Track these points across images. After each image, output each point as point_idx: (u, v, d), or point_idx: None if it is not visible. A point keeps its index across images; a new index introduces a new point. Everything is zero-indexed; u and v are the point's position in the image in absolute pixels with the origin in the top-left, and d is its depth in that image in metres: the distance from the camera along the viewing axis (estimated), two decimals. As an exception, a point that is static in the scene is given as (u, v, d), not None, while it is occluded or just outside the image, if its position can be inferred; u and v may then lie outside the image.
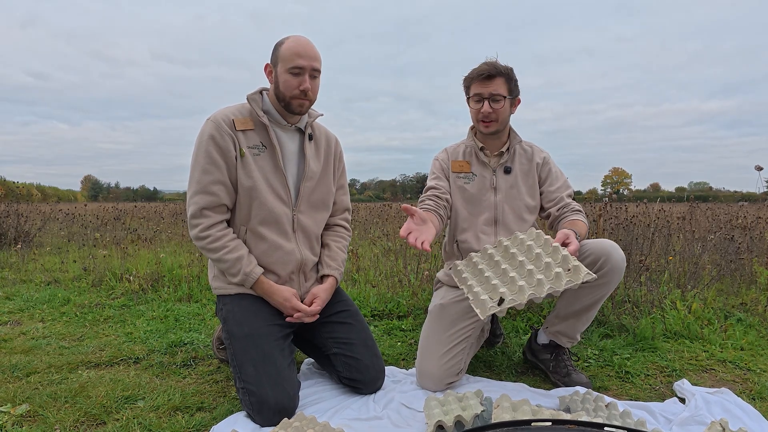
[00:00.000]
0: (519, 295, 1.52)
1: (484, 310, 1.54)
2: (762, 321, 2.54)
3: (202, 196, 1.64)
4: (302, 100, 1.65)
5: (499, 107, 1.82)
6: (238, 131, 1.65)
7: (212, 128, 1.63)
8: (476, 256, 1.81)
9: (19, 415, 1.55)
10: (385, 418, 1.54)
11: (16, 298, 3.27)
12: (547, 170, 1.94)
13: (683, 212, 5.46)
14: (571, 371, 1.83)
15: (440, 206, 1.86)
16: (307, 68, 1.63)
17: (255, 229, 1.69)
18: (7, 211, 5.96)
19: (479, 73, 1.82)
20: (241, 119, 1.66)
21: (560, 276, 1.49)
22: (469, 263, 1.81)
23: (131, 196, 67.31)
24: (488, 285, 1.64)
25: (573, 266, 1.50)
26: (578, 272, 1.48)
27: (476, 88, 1.84)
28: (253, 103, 1.69)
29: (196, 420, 1.53)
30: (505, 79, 1.82)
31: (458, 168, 1.95)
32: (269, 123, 1.69)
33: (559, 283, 1.48)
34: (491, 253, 1.76)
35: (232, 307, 1.68)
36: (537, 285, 1.51)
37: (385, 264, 3.88)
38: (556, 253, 1.58)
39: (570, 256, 1.53)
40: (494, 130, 1.87)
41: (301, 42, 1.64)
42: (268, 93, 1.75)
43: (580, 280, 1.47)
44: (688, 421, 1.48)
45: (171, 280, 3.61)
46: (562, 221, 1.84)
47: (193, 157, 1.66)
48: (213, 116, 1.66)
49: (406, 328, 2.56)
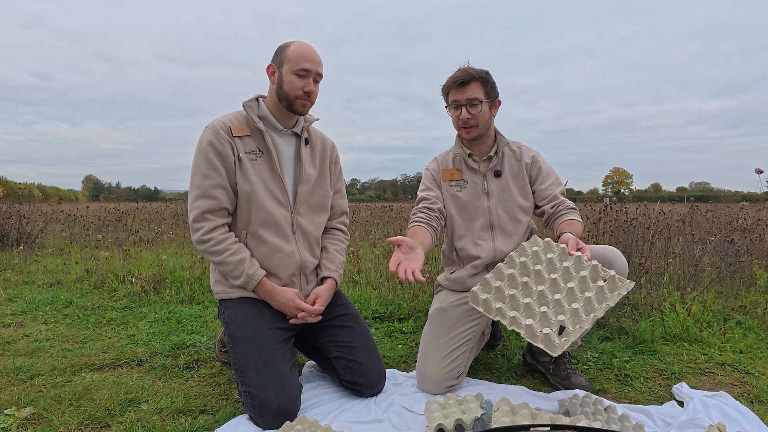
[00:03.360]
0: (576, 319, 1.42)
1: (553, 347, 1.40)
2: (761, 324, 2.55)
3: (203, 201, 1.66)
4: (305, 100, 1.71)
5: (477, 112, 1.83)
6: (236, 137, 1.70)
7: (211, 135, 1.68)
8: (494, 279, 1.64)
9: (24, 418, 1.56)
10: (386, 421, 1.56)
11: (19, 300, 3.28)
12: (537, 169, 1.95)
13: (683, 214, 5.46)
14: (571, 374, 1.84)
15: (432, 218, 1.88)
16: (312, 72, 1.70)
17: (255, 232, 1.71)
18: (9, 212, 5.98)
19: (454, 80, 1.83)
20: (237, 126, 1.71)
21: (603, 290, 1.44)
22: (489, 288, 1.62)
23: (132, 196, 67.35)
24: (531, 312, 1.51)
25: (609, 276, 1.46)
26: (614, 282, 1.46)
27: (453, 95, 1.85)
28: (249, 110, 1.73)
29: (199, 423, 1.54)
30: (480, 83, 1.83)
31: (449, 176, 1.96)
32: (265, 129, 1.73)
33: (606, 298, 1.43)
34: (511, 274, 1.62)
35: (234, 311, 1.70)
36: (587, 304, 1.43)
37: (386, 266, 3.89)
38: (579, 263, 1.54)
39: (599, 265, 1.50)
40: (476, 135, 1.87)
41: (308, 47, 1.71)
42: (264, 99, 1.79)
43: (624, 291, 1.43)
44: (686, 425, 1.49)
45: (173, 282, 3.63)
46: (557, 220, 1.85)
47: (194, 164, 1.70)
48: (211, 124, 1.71)
49: (407, 331, 2.57)
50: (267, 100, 1.78)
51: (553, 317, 1.46)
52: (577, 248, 1.60)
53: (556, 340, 1.41)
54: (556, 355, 1.40)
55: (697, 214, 5.77)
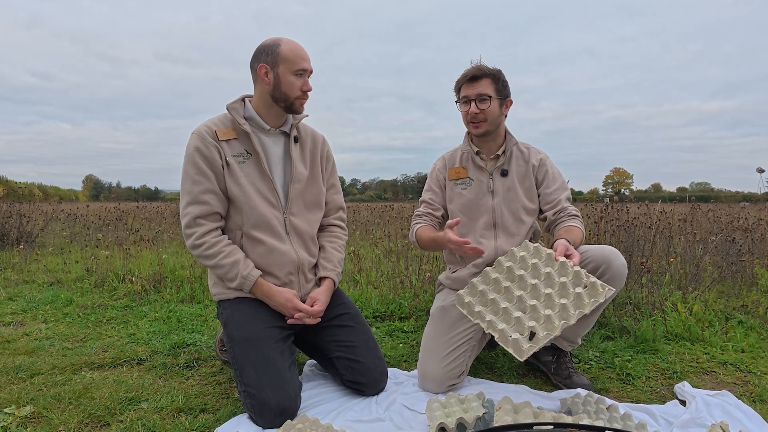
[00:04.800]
0: (549, 325, 1.44)
1: (520, 352, 1.43)
2: (763, 323, 2.54)
3: (194, 206, 1.66)
4: (304, 99, 1.73)
5: (486, 107, 1.83)
6: (222, 141, 1.68)
7: (197, 140, 1.67)
8: (480, 283, 1.70)
9: (24, 417, 1.56)
10: (387, 420, 1.55)
11: (19, 299, 3.28)
12: (543, 172, 1.94)
13: (684, 213, 5.45)
14: (573, 373, 1.83)
15: (435, 222, 1.99)
16: (308, 70, 1.71)
17: (249, 233, 1.71)
18: (10, 211, 5.98)
19: (465, 76, 1.86)
20: (223, 129, 1.70)
21: (581, 296, 1.45)
22: (474, 291, 1.69)
23: (132, 195, 67.37)
24: (508, 317, 1.55)
25: (590, 282, 1.46)
26: (596, 288, 1.45)
27: (464, 91, 1.87)
28: (234, 112, 1.72)
29: (199, 422, 1.54)
30: (491, 80, 1.84)
31: (455, 175, 1.97)
32: (251, 130, 1.71)
33: (583, 305, 1.43)
34: (497, 278, 1.66)
35: (232, 311, 1.69)
36: (562, 310, 1.45)
37: (386, 265, 3.88)
38: (564, 268, 1.54)
39: (582, 272, 1.50)
40: (484, 131, 1.88)
41: (299, 45, 1.71)
42: (251, 99, 1.77)
43: (602, 298, 1.43)
44: (688, 424, 1.49)
45: (173, 281, 3.62)
46: (558, 226, 1.84)
47: (183, 171, 1.69)
48: (197, 129, 1.70)
49: (408, 330, 2.56)
50: (255, 100, 1.75)
51: (525, 322, 1.49)
52: (567, 254, 1.59)
53: (524, 346, 1.44)
54: (522, 360, 1.44)
55: (698, 213, 5.77)
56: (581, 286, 1.48)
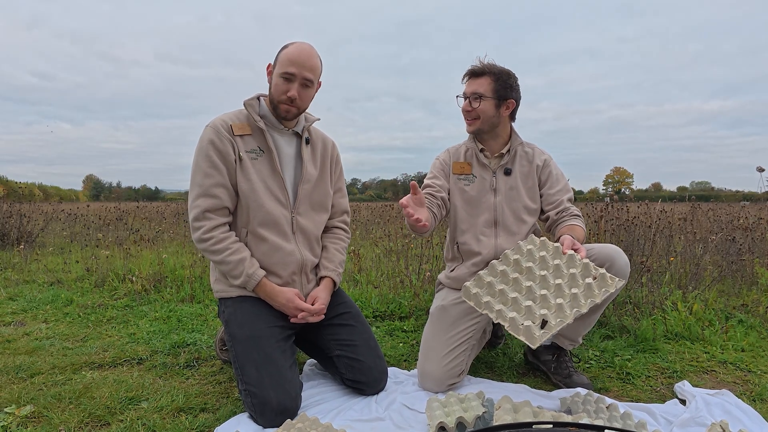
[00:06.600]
0: (560, 314, 1.44)
1: (532, 339, 1.42)
2: (763, 322, 2.54)
3: (204, 199, 1.65)
4: (288, 106, 1.68)
5: (477, 105, 1.83)
6: (237, 136, 1.68)
7: (212, 133, 1.66)
8: (487, 275, 1.68)
9: (24, 416, 1.56)
10: (387, 419, 1.55)
11: (20, 299, 3.28)
12: (547, 173, 1.95)
13: (685, 213, 5.45)
14: (573, 373, 1.83)
15: (434, 204, 1.89)
16: (297, 76, 1.65)
17: (255, 230, 1.70)
18: (10, 211, 5.98)
19: (467, 71, 1.88)
20: (238, 124, 1.70)
21: (592, 287, 1.44)
22: (481, 283, 1.67)
23: (133, 195, 67.41)
24: (517, 306, 1.54)
25: (599, 274, 1.46)
26: (605, 279, 1.45)
27: (465, 86, 1.90)
28: (250, 109, 1.72)
29: (199, 421, 1.54)
30: (492, 79, 1.84)
31: (459, 170, 1.96)
32: (266, 127, 1.72)
33: (594, 295, 1.43)
34: (504, 270, 1.65)
35: (234, 309, 1.69)
36: (573, 300, 1.45)
37: (386, 265, 3.88)
38: (572, 261, 1.54)
39: (590, 264, 1.51)
40: (476, 128, 1.89)
41: (301, 49, 1.66)
42: (265, 98, 1.78)
43: (612, 289, 1.43)
44: (688, 423, 1.49)
45: (173, 280, 3.62)
46: (559, 225, 1.85)
47: (194, 163, 1.68)
48: (212, 122, 1.69)
49: (408, 329, 2.57)
50: (267, 99, 1.77)
51: (537, 311, 1.49)
52: (573, 248, 1.60)
53: (536, 333, 1.44)
54: (535, 347, 1.43)
55: (698, 213, 5.77)
56: (591, 277, 1.48)
